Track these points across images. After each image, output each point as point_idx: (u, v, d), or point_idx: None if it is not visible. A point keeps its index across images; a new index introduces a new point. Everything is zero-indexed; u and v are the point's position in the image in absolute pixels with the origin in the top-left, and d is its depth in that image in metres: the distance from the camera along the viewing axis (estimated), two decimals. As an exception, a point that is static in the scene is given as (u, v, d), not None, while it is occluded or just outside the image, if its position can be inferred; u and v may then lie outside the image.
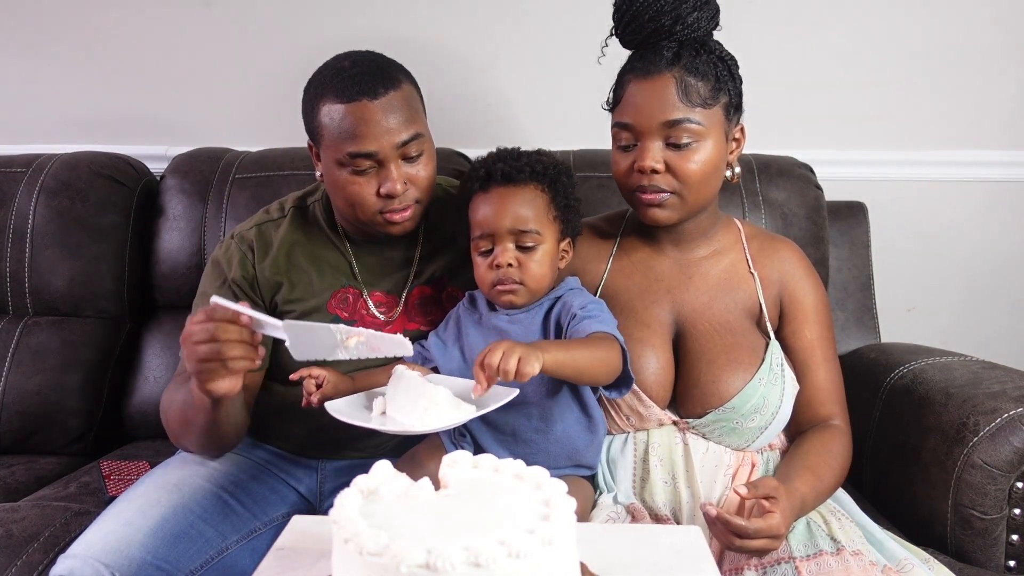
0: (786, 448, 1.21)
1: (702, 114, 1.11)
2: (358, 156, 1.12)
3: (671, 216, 1.16)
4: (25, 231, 1.71)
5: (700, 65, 1.11)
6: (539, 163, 1.13)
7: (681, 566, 0.82)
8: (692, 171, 1.12)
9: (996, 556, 1.22)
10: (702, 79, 1.11)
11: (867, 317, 1.74)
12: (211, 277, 1.26)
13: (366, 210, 1.16)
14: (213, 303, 0.93)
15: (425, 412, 0.95)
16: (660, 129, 1.11)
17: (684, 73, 1.11)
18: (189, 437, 1.15)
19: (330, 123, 1.13)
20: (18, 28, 1.95)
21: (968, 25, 1.86)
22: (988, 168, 1.92)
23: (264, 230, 1.27)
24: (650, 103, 1.11)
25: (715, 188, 1.17)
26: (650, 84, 1.11)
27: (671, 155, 1.12)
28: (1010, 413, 1.20)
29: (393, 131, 1.12)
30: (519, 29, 1.89)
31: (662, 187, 1.13)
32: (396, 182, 1.13)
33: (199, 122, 1.97)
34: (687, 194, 1.14)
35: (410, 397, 0.99)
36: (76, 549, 1.01)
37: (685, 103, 1.10)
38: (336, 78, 1.14)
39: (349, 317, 1.25)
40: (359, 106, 1.11)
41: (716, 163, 1.14)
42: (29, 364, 1.66)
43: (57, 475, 1.56)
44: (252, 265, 1.24)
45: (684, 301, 1.21)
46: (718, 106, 1.12)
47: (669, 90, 1.10)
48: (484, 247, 1.12)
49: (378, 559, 0.58)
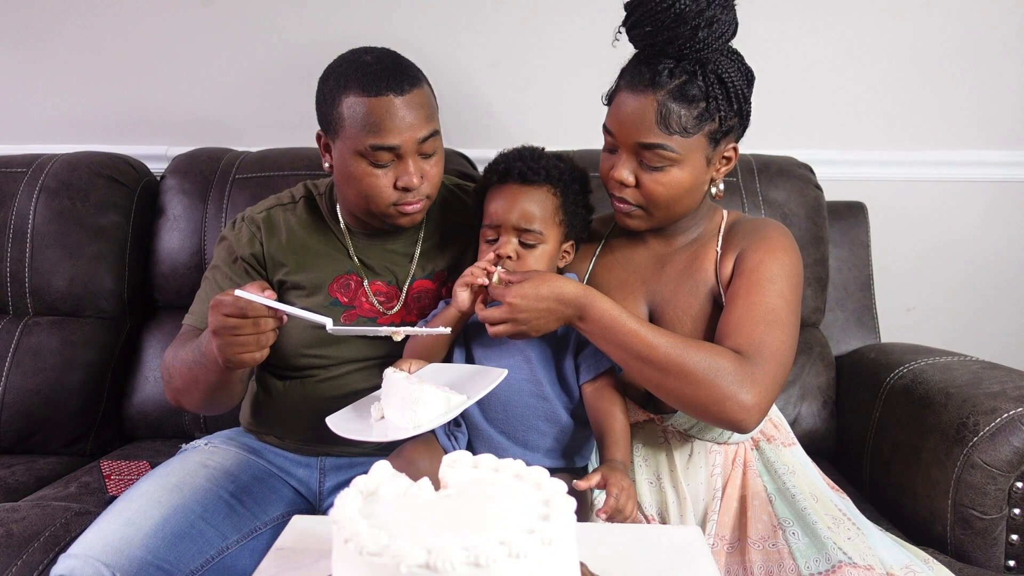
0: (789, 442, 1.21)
1: (679, 142, 1.09)
2: (380, 149, 1.14)
3: (640, 225, 1.17)
4: (25, 231, 1.71)
5: (691, 90, 1.07)
6: (556, 167, 1.17)
7: (681, 566, 0.82)
8: (660, 193, 1.12)
9: (996, 556, 1.22)
10: (688, 105, 1.08)
11: (867, 317, 1.74)
12: (222, 253, 1.30)
13: (380, 202, 1.18)
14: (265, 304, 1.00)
15: (414, 413, 0.96)
16: (635, 147, 1.11)
17: (668, 98, 1.07)
18: (193, 394, 1.18)
19: (352, 115, 1.15)
20: (18, 28, 1.95)
21: (968, 25, 1.86)
22: (988, 168, 1.92)
23: (273, 214, 1.31)
24: (629, 119, 1.10)
25: (688, 205, 1.16)
26: (634, 99, 1.10)
27: (643, 174, 1.12)
28: (1010, 413, 1.20)
29: (416, 127, 1.15)
30: (519, 29, 1.89)
31: (630, 200, 1.14)
32: (414, 176, 1.16)
33: (199, 122, 1.97)
34: (654, 211, 1.14)
35: (399, 399, 1.00)
36: (76, 549, 1.01)
37: (662, 129, 1.08)
38: (360, 72, 1.16)
39: (349, 302, 1.27)
40: (385, 100, 1.13)
41: (688, 187, 1.12)
42: (29, 364, 1.66)
43: (57, 475, 1.56)
44: (261, 243, 1.27)
45: (656, 291, 1.21)
46: (700, 134, 1.10)
47: (648, 112, 1.08)
48: (490, 236, 1.17)
49: (378, 559, 0.58)
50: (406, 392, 0.98)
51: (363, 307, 1.27)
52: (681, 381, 1.03)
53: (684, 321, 1.17)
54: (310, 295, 1.27)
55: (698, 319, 1.16)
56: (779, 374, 1.06)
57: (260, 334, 1.02)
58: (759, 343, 1.05)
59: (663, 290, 1.20)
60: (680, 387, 1.03)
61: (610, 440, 1.09)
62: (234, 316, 1.00)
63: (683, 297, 1.18)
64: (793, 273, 1.13)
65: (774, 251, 1.14)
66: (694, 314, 1.17)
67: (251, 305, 1.00)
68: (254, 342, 1.02)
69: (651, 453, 1.19)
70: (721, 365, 1.02)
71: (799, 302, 1.14)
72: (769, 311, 1.08)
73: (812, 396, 1.62)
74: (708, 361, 1.03)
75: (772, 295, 1.10)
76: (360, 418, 1.06)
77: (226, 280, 1.26)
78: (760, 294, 1.10)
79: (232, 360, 1.03)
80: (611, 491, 0.98)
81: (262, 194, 1.64)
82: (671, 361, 1.03)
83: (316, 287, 1.27)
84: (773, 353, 1.05)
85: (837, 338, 1.72)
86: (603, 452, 1.10)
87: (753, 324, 1.07)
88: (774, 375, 1.05)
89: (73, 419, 1.66)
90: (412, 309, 1.28)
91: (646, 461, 1.18)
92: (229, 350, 1.02)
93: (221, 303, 1.01)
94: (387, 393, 1.03)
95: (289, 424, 1.29)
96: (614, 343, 1.06)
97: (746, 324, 1.08)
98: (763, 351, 1.05)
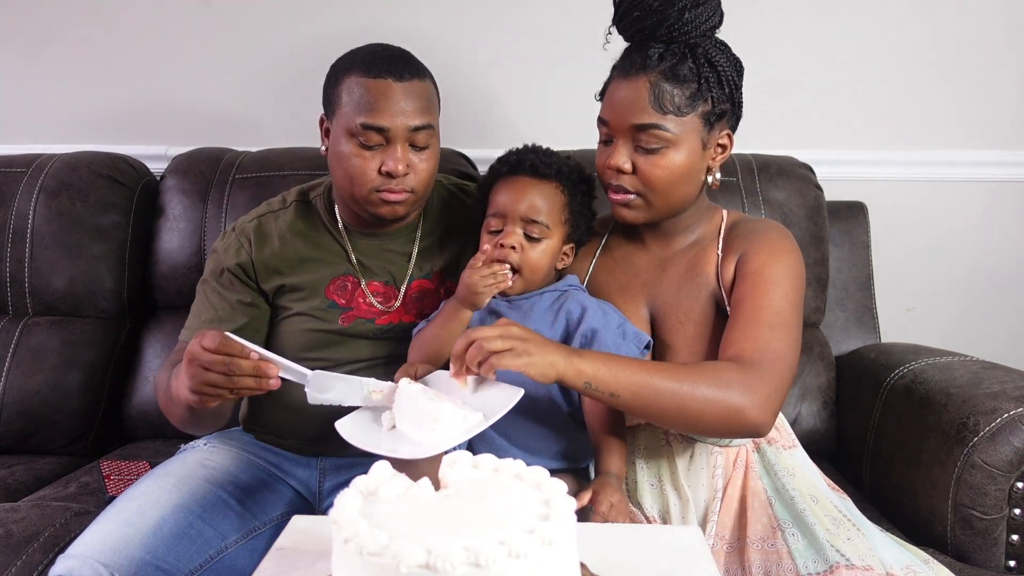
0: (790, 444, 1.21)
1: (674, 122, 1.09)
2: (370, 129, 1.15)
3: (638, 216, 1.16)
4: (25, 231, 1.71)
5: (682, 71, 1.09)
6: (566, 166, 1.18)
7: (681, 566, 0.82)
8: (657, 176, 1.12)
9: (996, 556, 1.22)
10: (680, 85, 1.09)
11: (867, 317, 1.74)
12: (211, 265, 1.30)
13: (363, 186, 1.18)
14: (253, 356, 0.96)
15: (432, 431, 0.94)
16: (630, 131, 1.11)
17: (661, 78, 1.09)
18: (171, 418, 1.18)
19: (349, 94, 1.17)
20: (18, 28, 1.95)
21: (968, 25, 1.86)
22: (988, 168, 1.92)
23: (263, 222, 1.30)
24: (623, 104, 1.11)
25: (686, 193, 1.16)
26: (627, 84, 1.11)
27: (640, 158, 1.12)
28: (1010, 413, 1.20)
29: (409, 114, 1.16)
30: (519, 29, 1.90)
31: (628, 188, 1.13)
32: (399, 162, 1.16)
33: (199, 122, 1.97)
34: (652, 198, 1.14)
35: (415, 413, 0.97)
36: (75, 549, 1.01)
37: (656, 109, 1.09)
38: (366, 57, 1.19)
39: (346, 303, 1.27)
40: (383, 83, 1.15)
41: (686, 170, 1.13)
42: (29, 364, 1.66)
43: (57, 475, 1.56)
44: (248, 253, 1.27)
45: (657, 295, 1.21)
46: (694, 114, 1.10)
47: (642, 94, 1.09)
48: (495, 226, 1.17)
49: (378, 559, 0.58)
50: (425, 408, 0.95)
51: (361, 308, 1.27)
52: (697, 412, 1.02)
53: (686, 325, 1.17)
54: (307, 298, 1.26)
55: (700, 322, 1.16)
56: (786, 375, 1.06)
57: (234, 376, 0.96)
58: (764, 347, 1.06)
59: (664, 294, 1.20)
60: (697, 418, 1.02)
61: (606, 451, 1.10)
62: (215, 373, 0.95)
63: (685, 301, 1.18)
64: (796, 275, 1.13)
65: (776, 253, 1.14)
66: (696, 317, 1.17)
67: (230, 346, 0.95)
68: (225, 382, 0.96)
69: (653, 456, 1.19)
70: (726, 379, 1.02)
71: (802, 303, 1.14)
72: (774, 315, 1.08)
73: (812, 396, 1.62)
74: (713, 381, 1.02)
75: (776, 298, 1.10)
76: (370, 426, 1.03)
77: (214, 294, 1.26)
78: (764, 298, 1.10)
79: (202, 404, 1.00)
80: (599, 508, 1.00)
81: (262, 194, 1.64)
82: (675, 397, 1.01)
83: (313, 290, 1.26)
84: (779, 355, 1.06)
85: (837, 338, 1.72)
86: (598, 464, 1.11)
87: (758, 329, 1.07)
88: (781, 376, 1.05)
89: (73, 419, 1.66)
90: (411, 308, 1.28)
91: (648, 464, 1.18)
92: (203, 398, 0.98)
93: (203, 361, 0.96)
94: (402, 405, 1.00)
95: (289, 424, 1.29)
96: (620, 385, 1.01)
97: (751, 329, 1.08)
98: (768, 354, 1.05)
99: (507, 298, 1.18)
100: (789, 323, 1.09)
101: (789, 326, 1.09)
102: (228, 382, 0.96)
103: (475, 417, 0.96)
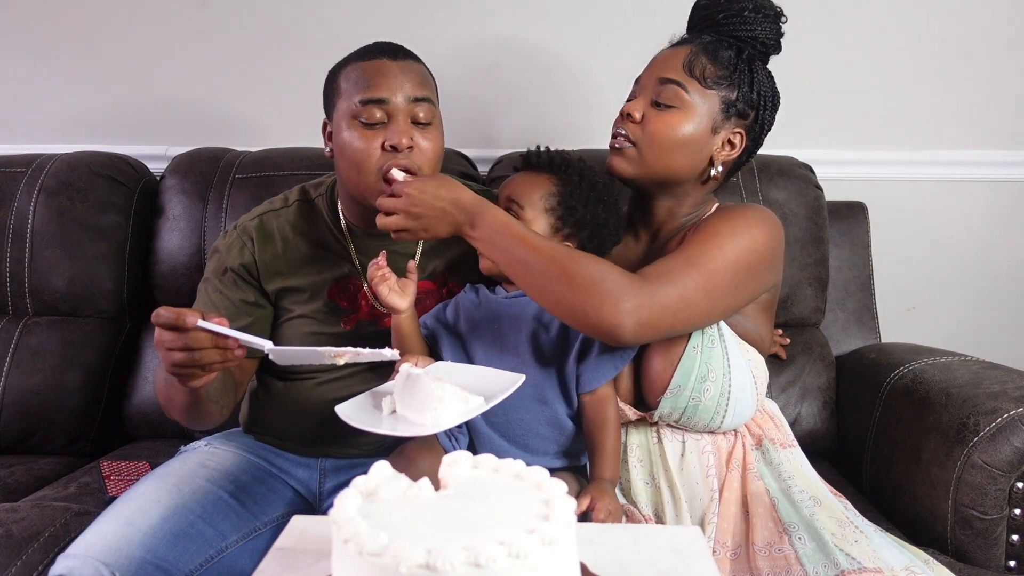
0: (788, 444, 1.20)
1: (696, 89, 1.14)
2: (370, 102, 1.15)
3: (626, 168, 1.17)
4: (25, 231, 1.71)
5: (722, 54, 1.15)
6: (560, 158, 1.19)
7: (681, 566, 0.82)
8: (659, 131, 1.14)
9: (996, 556, 1.22)
10: (715, 63, 1.15)
11: (867, 317, 1.74)
12: (213, 265, 1.29)
13: (368, 169, 1.16)
14: (199, 325, 0.91)
15: (435, 411, 0.94)
16: (654, 85, 1.16)
17: (701, 50, 1.16)
18: (174, 412, 1.17)
19: (347, 81, 1.18)
20: (18, 28, 1.95)
21: (968, 25, 1.86)
22: (988, 168, 1.92)
23: (265, 220, 1.29)
24: (659, 61, 1.19)
25: (680, 165, 1.16)
26: (670, 50, 1.20)
27: (651, 111, 1.16)
28: (1010, 413, 1.20)
29: (407, 86, 1.17)
30: (519, 29, 1.89)
31: (629, 136, 1.16)
32: (403, 135, 1.15)
33: (199, 122, 1.97)
34: (647, 153, 1.16)
35: (418, 397, 0.98)
36: (75, 549, 1.01)
37: (685, 70, 1.15)
38: (360, 49, 1.22)
39: (349, 306, 1.26)
40: (378, 62, 1.18)
41: (688, 140, 1.15)
42: (29, 364, 1.66)
43: (57, 475, 1.56)
44: (251, 254, 1.26)
45: None
46: (716, 93, 1.15)
47: (679, 56, 1.16)
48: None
49: (378, 559, 0.58)
50: (429, 390, 0.96)
51: (363, 311, 1.27)
52: (563, 284, 1.00)
53: None
54: (310, 300, 1.26)
55: None
56: (677, 306, 1.01)
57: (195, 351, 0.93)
58: (667, 272, 1.02)
59: None
60: (562, 291, 1.00)
61: (601, 456, 1.10)
62: (177, 350, 0.92)
63: None
64: (746, 239, 1.08)
65: (733, 219, 1.12)
66: None
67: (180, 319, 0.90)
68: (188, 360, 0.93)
69: (645, 454, 1.19)
70: (607, 275, 1.00)
71: (748, 272, 1.08)
72: (698, 254, 1.05)
73: (812, 396, 1.62)
74: (594, 269, 1.00)
75: (709, 247, 1.06)
76: (370, 410, 1.04)
77: (216, 292, 1.25)
78: (695, 245, 1.07)
79: (187, 386, 0.97)
80: (597, 516, 1.01)
81: (262, 194, 1.64)
82: (554, 264, 1.01)
83: (315, 292, 1.26)
84: (679, 288, 1.01)
85: (837, 338, 1.72)
86: (592, 468, 1.11)
87: (673, 262, 1.05)
88: (668, 303, 1.01)
89: (73, 419, 1.66)
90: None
91: (641, 462, 1.18)
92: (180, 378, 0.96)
93: (163, 341, 0.93)
94: (404, 389, 1.00)
95: (289, 425, 1.29)
96: (501, 248, 1.04)
97: (666, 261, 1.05)
98: (666, 279, 1.01)
99: (506, 296, 1.18)
100: (711, 269, 1.04)
101: (709, 271, 1.03)
102: (191, 359, 0.92)
103: (476, 400, 0.97)
